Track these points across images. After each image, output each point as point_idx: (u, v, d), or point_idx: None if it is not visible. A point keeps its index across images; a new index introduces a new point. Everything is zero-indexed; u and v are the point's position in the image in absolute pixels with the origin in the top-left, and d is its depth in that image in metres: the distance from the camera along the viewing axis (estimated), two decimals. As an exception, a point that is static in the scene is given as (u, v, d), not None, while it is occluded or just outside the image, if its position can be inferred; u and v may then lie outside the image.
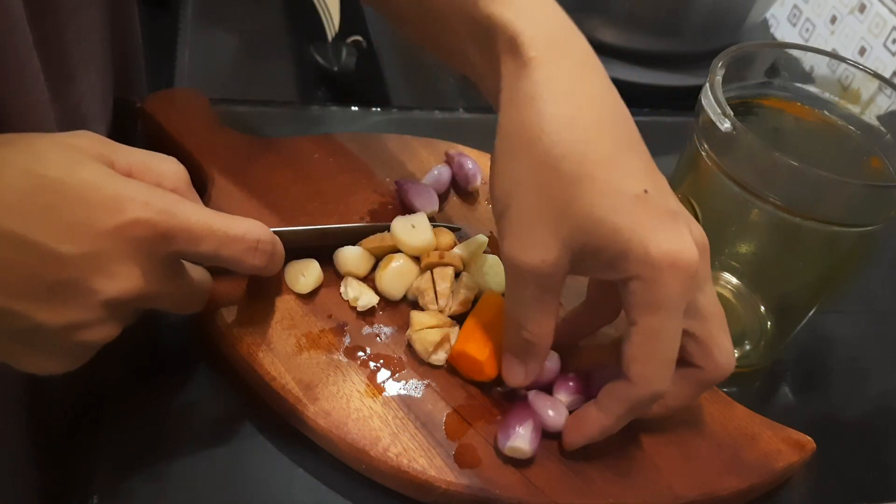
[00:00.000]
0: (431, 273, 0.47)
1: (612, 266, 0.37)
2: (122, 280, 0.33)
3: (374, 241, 0.48)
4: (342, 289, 0.47)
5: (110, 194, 0.33)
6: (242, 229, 0.37)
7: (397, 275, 0.47)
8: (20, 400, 0.41)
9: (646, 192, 0.36)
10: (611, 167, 0.36)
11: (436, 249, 0.48)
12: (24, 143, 0.33)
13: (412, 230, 0.48)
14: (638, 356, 0.37)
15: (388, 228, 0.49)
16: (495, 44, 0.38)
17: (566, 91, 0.37)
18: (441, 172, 0.55)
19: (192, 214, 0.35)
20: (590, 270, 0.39)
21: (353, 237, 0.49)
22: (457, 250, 0.49)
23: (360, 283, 0.47)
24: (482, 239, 0.50)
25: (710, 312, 0.39)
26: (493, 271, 0.49)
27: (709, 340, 0.39)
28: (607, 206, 0.36)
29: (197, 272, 0.39)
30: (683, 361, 0.40)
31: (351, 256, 0.48)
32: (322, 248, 0.48)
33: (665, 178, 0.39)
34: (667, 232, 0.36)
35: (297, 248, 0.45)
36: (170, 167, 0.37)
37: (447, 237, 0.50)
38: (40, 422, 0.43)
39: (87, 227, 0.32)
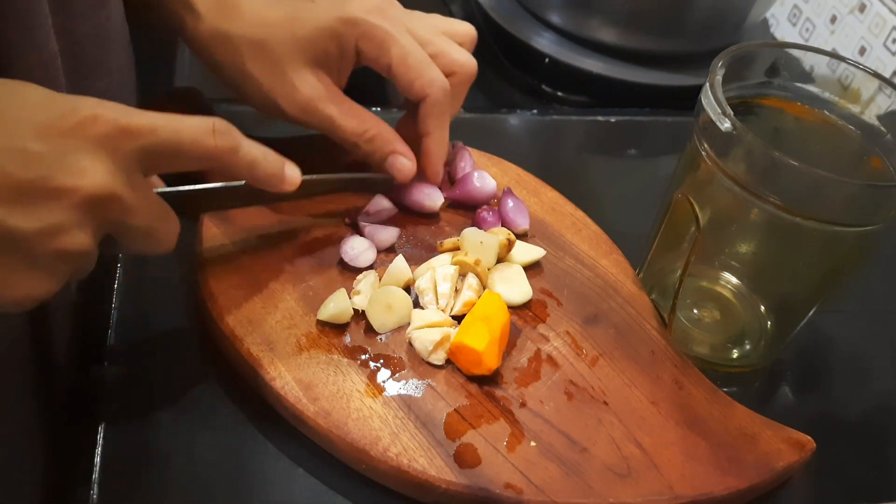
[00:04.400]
0: (434, 273, 0.47)
1: (343, 49, 0.49)
2: (91, 176, 0.33)
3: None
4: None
5: (66, 101, 0.34)
6: (195, 118, 0.39)
7: (385, 309, 0.46)
8: (21, 399, 0.41)
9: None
10: None
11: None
12: None
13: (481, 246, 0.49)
14: (409, 75, 0.48)
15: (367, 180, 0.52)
16: None
17: None
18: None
19: (146, 113, 0.36)
20: (341, 62, 0.50)
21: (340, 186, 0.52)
22: (471, 253, 0.48)
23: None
24: (496, 241, 0.50)
25: (429, 37, 0.50)
26: (501, 277, 0.49)
27: (445, 52, 0.50)
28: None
29: (166, 206, 0.39)
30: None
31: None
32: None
33: None
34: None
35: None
36: None
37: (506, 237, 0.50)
38: (41, 420, 0.43)
39: (51, 127, 0.33)
